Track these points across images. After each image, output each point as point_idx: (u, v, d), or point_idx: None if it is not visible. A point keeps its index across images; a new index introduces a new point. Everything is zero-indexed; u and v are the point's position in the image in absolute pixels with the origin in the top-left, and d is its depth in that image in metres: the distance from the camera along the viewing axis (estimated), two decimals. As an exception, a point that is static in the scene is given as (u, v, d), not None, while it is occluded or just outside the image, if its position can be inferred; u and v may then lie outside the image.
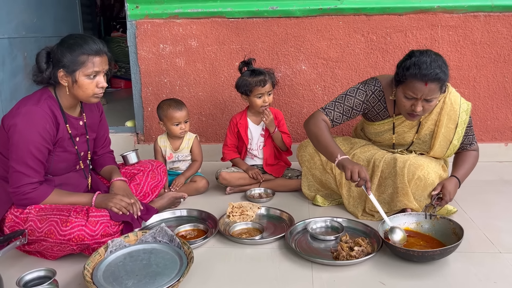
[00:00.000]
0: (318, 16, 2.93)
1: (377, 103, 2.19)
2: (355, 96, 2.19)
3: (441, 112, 2.11)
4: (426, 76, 1.87)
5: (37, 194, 1.79)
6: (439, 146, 2.15)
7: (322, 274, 1.71)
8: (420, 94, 1.92)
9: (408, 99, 1.98)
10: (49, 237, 1.71)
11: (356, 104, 2.18)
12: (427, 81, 1.88)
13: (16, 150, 1.75)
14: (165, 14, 3.00)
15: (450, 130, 2.12)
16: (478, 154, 2.24)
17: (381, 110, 2.20)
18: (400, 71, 1.97)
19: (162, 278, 1.57)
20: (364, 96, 2.18)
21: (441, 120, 2.11)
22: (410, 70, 1.91)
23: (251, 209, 2.23)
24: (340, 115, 2.19)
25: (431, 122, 2.15)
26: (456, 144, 2.14)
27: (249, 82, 2.46)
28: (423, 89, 1.90)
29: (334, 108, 2.19)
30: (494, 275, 1.68)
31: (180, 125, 2.52)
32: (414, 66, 1.90)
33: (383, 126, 2.24)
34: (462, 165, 2.18)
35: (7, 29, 3.39)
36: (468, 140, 2.19)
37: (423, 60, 1.89)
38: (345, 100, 2.19)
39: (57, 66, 1.80)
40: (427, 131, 2.16)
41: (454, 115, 2.11)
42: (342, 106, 2.19)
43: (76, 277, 1.71)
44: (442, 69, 1.89)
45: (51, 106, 1.84)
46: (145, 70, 3.11)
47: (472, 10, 2.84)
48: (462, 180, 2.12)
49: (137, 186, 2.18)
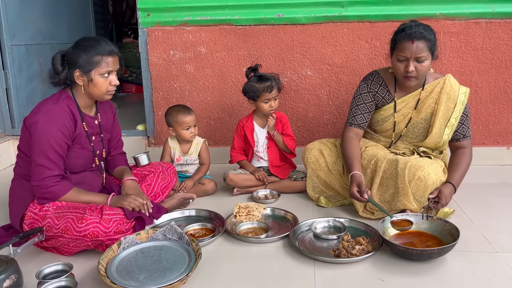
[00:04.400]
0: (323, 23, 3.02)
1: (379, 88, 2.36)
2: (360, 93, 2.40)
3: (441, 91, 2.26)
4: (411, 35, 2.09)
5: (59, 188, 1.90)
6: (438, 123, 2.26)
7: (324, 271, 1.78)
8: (409, 53, 2.11)
9: (401, 61, 2.16)
10: (65, 233, 1.81)
11: (365, 98, 2.38)
12: (413, 39, 2.09)
13: (38, 145, 1.87)
14: (175, 22, 3.11)
15: (449, 108, 2.26)
16: (471, 152, 2.33)
17: (385, 93, 2.36)
18: (392, 40, 2.22)
19: (171, 273, 1.66)
20: (366, 86, 2.39)
21: (441, 98, 2.26)
22: (398, 34, 2.17)
23: (257, 210, 2.31)
24: (361, 116, 2.40)
25: (432, 101, 2.28)
26: (453, 123, 2.27)
27: (256, 88, 2.55)
28: (411, 47, 2.10)
29: (355, 115, 2.41)
30: (490, 273, 1.74)
31: (190, 129, 2.61)
32: (401, 30, 2.16)
33: (389, 110, 2.36)
34: (457, 169, 2.25)
35: (24, 37, 3.53)
36: (463, 129, 2.29)
37: (408, 25, 2.15)
38: (356, 102, 2.41)
39: (73, 67, 1.92)
40: (428, 109, 2.29)
41: (454, 94, 2.26)
42: (357, 109, 2.40)
43: (91, 272, 1.80)
44: (426, 30, 2.13)
45: (69, 105, 1.96)
46: (156, 76, 3.22)
47: (474, 17, 2.91)
48: (457, 185, 2.21)
49: (148, 186, 2.28)
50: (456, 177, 2.22)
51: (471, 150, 2.33)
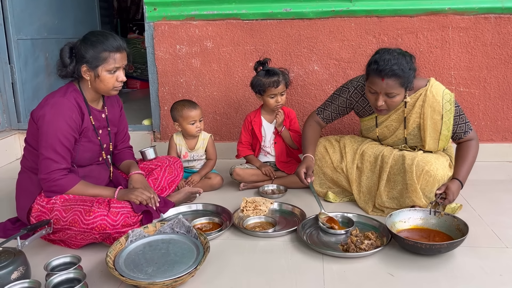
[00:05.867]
0: (330, 18, 3.00)
1: (360, 98, 2.32)
2: (339, 95, 2.39)
3: (424, 105, 2.18)
4: (382, 72, 2.00)
5: (66, 181, 1.90)
6: (430, 137, 2.21)
7: (333, 266, 1.77)
8: (379, 89, 2.05)
9: (372, 93, 2.11)
10: (73, 226, 1.81)
11: (341, 102, 2.38)
12: (383, 77, 2.01)
13: (46, 138, 1.87)
14: (182, 16, 3.10)
15: (436, 121, 2.18)
16: (477, 142, 2.23)
17: (366, 105, 2.32)
18: (366, 67, 2.12)
19: (180, 266, 1.65)
20: (347, 93, 2.35)
21: (425, 112, 2.18)
22: (371, 66, 2.06)
23: (264, 204, 2.30)
24: (329, 113, 2.43)
25: (416, 115, 2.21)
26: (447, 134, 2.20)
27: (263, 82, 2.53)
28: (380, 83, 2.02)
29: (325, 108, 2.43)
30: (500, 268, 1.73)
31: (196, 124, 2.60)
32: (374, 62, 2.04)
33: (371, 122, 2.35)
34: (463, 163, 2.17)
35: (30, 31, 3.53)
36: (460, 129, 2.22)
37: (383, 58, 2.02)
38: (333, 99, 2.41)
39: (81, 62, 1.91)
40: (414, 124, 2.23)
41: (438, 106, 2.17)
42: (331, 105, 2.42)
43: (98, 265, 1.80)
44: (400, 67, 1.99)
45: (77, 98, 1.96)
46: (162, 70, 3.21)
47: (483, 12, 2.88)
48: (464, 181, 2.14)
49: (155, 180, 2.27)
50: (462, 172, 2.15)
51: (477, 140, 2.24)
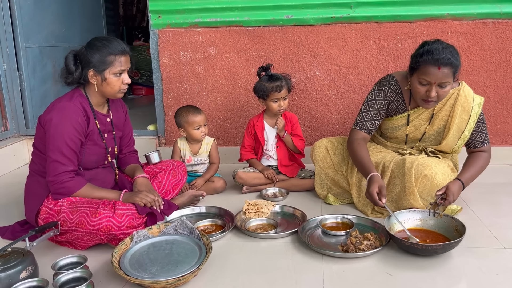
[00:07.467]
0: (331, 24, 3.05)
1: (395, 96, 2.30)
2: (375, 99, 2.32)
3: (455, 104, 2.21)
4: (439, 61, 2.00)
5: (73, 184, 1.95)
6: (451, 136, 2.24)
7: (333, 266, 1.81)
8: (434, 79, 2.03)
9: (423, 85, 2.09)
10: (80, 227, 1.86)
11: (380, 105, 2.32)
12: (440, 65, 2.00)
13: (53, 141, 1.93)
14: (186, 24, 3.17)
15: (463, 121, 2.22)
16: (489, 156, 2.28)
17: (400, 103, 2.31)
18: (414, 59, 2.10)
19: (183, 265, 1.70)
20: (383, 93, 2.31)
21: (455, 110, 2.21)
22: (423, 56, 2.05)
23: (266, 207, 2.34)
24: (371, 122, 2.33)
25: (445, 113, 2.24)
26: (466, 135, 2.23)
27: (266, 87, 2.59)
28: (436, 73, 2.02)
29: (365, 119, 2.34)
30: (497, 268, 1.76)
31: (201, 128, 2.66)
32: (427, 52, 2.04)
33: (400, 121, 2.33)
34: (470, 168, 2.21)
35: (38, 39, 3.61)
36: (480, 137, 2.25)
37: (435, 47, 2.03)
38: (370, 106, 2.33)
39: (87, 67, 1.98)
40: (441, 122, 2.26)
41: (468, 106, 2.21)
42: (369, 113, 2.33)
43: (104, 265, 1.85)
44: (453, 55, 2.03)
45: (82, 102, 2.03)
46: (166, 76, 3.28)
47: (481, 17, 2.92)
48: (466, 183, 2.15)
49: (159, 184, 2.32)
50: (467, 175, 2.17)
51: (490, 154, 2.28)
